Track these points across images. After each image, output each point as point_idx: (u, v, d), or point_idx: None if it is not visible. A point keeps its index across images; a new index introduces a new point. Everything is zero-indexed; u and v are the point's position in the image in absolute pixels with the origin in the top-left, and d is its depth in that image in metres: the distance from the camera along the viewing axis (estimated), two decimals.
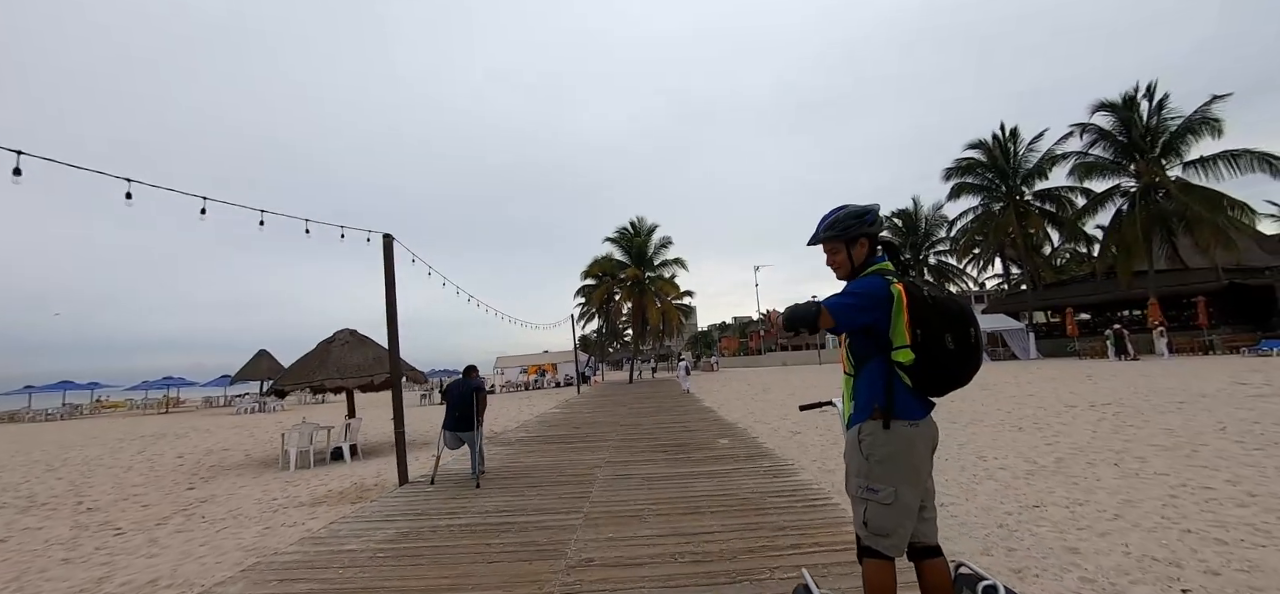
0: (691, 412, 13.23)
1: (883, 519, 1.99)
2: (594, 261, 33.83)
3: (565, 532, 4.24)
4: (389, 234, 7.13)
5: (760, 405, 15.17)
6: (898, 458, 2.00)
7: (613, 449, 8.11)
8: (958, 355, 1.99)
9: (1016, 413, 9.88)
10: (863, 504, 2.05)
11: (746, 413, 13.28)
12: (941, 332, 1.98)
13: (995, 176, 31.16)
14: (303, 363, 10.60)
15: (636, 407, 15.35)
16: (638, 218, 33.08)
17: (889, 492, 1.99)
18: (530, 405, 21.21)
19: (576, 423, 12.29)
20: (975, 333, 2.03)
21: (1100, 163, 25.77)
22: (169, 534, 5.87)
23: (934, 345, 1.98)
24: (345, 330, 11.35)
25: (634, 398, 19.23)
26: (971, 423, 9.19)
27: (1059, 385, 13.70)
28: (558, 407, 17.92)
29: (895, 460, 2.00)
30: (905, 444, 2.00)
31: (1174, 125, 24.12)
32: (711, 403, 15.73)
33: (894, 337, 2.03)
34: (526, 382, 38.41)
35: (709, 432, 9.36)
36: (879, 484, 2.01)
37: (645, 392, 22.91)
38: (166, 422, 26.29)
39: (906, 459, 2.00)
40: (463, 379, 6.78)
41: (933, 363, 1.98)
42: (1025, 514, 4.46)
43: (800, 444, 8.50)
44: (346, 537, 4.58)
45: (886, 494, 1.99)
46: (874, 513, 2.01)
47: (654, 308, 31.43)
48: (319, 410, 27.62)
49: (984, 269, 37.66)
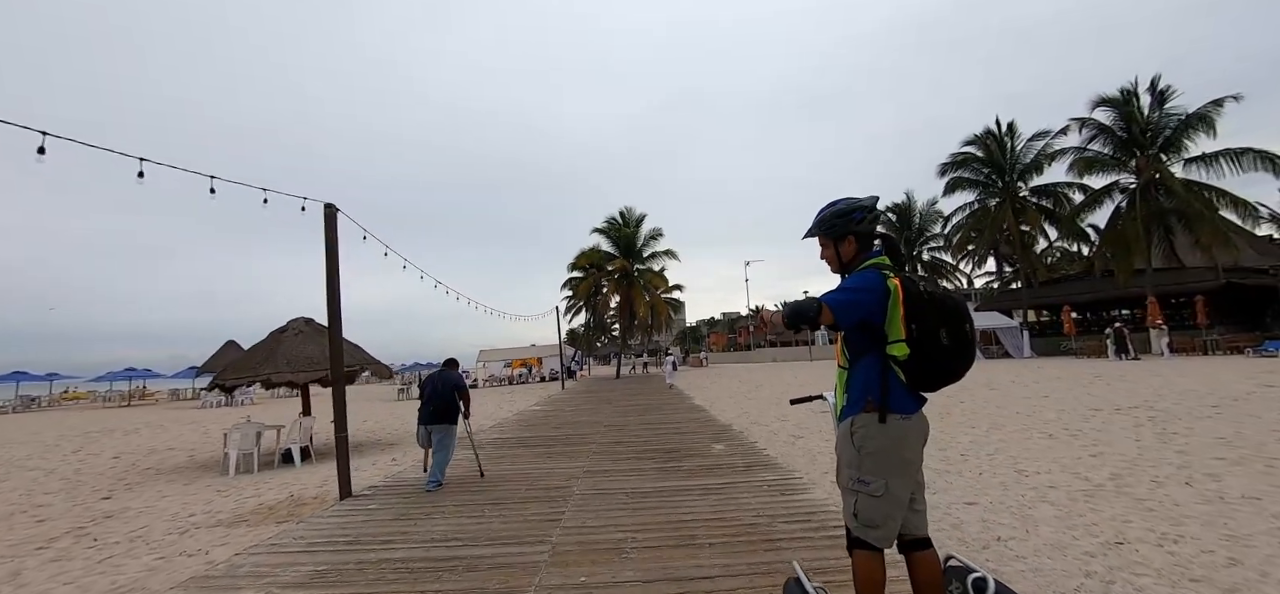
0: (681, 410, 12.28)
1: (872, 511, 2.02)
2: (581, 253, 32.69)
3: (525, 573, 3.24)
4: (331, 205, 6.03)
5: (754, 404, 14.26)
6: (890, 451, 2.02)
7: (593, 455, 7.11)
8: (952, 351, 2.00)
9: (1038, 417, 9.04)
10: (853, 496, 2.07)
11: (740, 413, 12.36)
12: (937, 327, 1.99)
13: (991, 172, 30.56)
14: (249, 356, 9.44)
15: (623, 404, 14.36)
16: (626, 208, 31.93)
17: (880, 484, 2.00)
18: (511, 401, 20.13)
19: (557, 422, 11.27)
20: (970, 329, 2.03)
21: (1100, 158, 25.20)
22: (39, 565, 4.74)
23: (929, 340, 1.99)
24: (300, 319, 10.19)
25: (621, 394, 18.23)
26: (993, 428, 8.33)
27: (1070, 386, 12.95)
28: (539, 403, 16.87)
29: (887, 453, 2.01)
30: (898, 438, 2.02)
31: (1176, 121, 23.60)
32: (702, 400, 14.78)
33: (889, 331, 2.04)
34: (510, 376, 37.23)
35: (701, 435, 8.40)
36: (870, 476, 2.02)
37: (633, 388, 21.93)
38: (124, 416, 24.75)
39: (898, 452, 2.02)
40: (442, 372, 6.26)
41: (927, 358, 2.00)
42: (1111, 555, 3.52)
43: (806, 452, 7.56)
44: (245, 578, 3.53)
45: (877, 486, 2.00)
46: (864, 505, 2.03)
47: (642, 301, 30.37)
48: (286, 406, 26.29)
49: (977, 266, 37.23)
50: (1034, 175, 28.98)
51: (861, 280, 2.06)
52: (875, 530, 2.00)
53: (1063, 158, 26.66)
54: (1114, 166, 25.26)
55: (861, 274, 2.09)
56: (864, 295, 2.02)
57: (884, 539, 2.01)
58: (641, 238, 31.47)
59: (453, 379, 6.13)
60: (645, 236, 31.45)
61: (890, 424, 2.00)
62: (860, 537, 2.04)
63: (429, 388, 6.08)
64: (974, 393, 12.63)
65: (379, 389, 35.50)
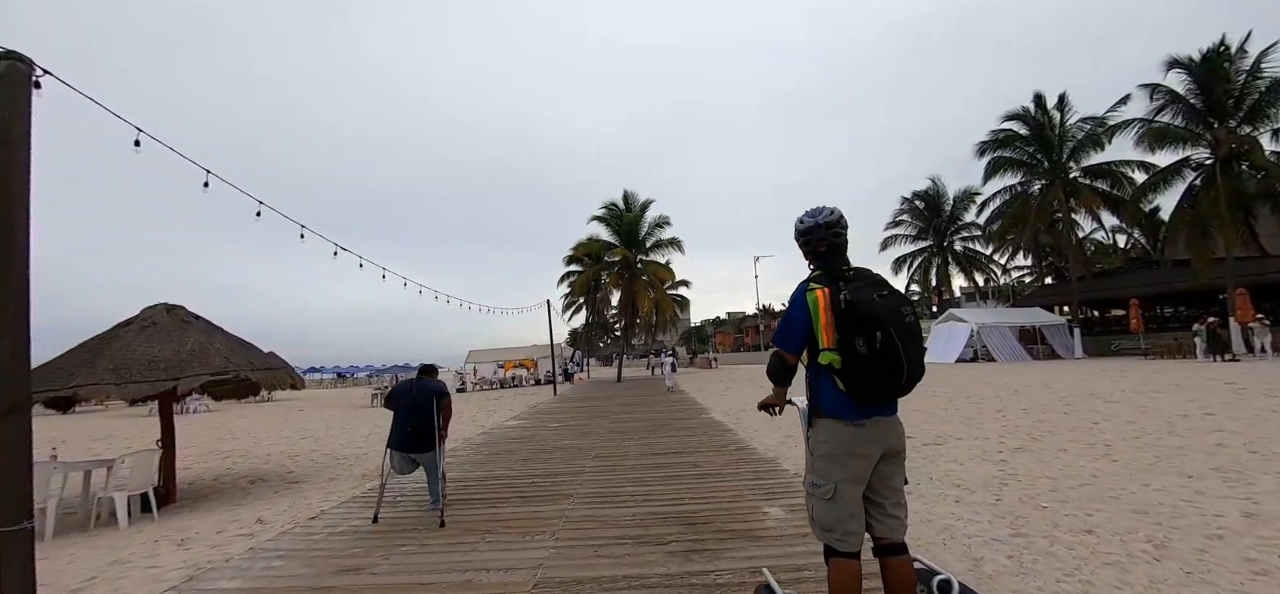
0: (696, 428, 9.21)
1: (824, 513, 2.10)
2: (578, 244, 29.61)
3: None
4: (19, 57, 2.97)
5: (791, 422, 11.13)
6: (836, 456, 2.08)
7: (566, 528, 4.08)
8: (870, 360, 1.99)
9: (1196, 449, 5.92)
10: (810, 499, 2.18)
11: (784, 437, 9.03)
12: (851, 336, 2.01)
13: (1037, 150, 27.31)
14: (62, 361, 6.39)
15: (621, 418, 11.33)
16: (629, 192, 28.77)
17: (828, 487, 2.08)
18: (491, 410, 17.10)
19: (532, 447, 8.22)
20: (896, 336, 1.98)
21: (1174, 130, 21.95)
22: None
23: (846, 349, 2.01)
24: (160, 305, 7.18)
25: (620, 404, 15.18)
26: (1147, 472, 5.21)
27: (1180, 398, 9.78)
28: (520, 416, 13.84)
29: (833, 457, 2.09)
30: (843, 442, 2.08)
31: (1264, 85, 20.34)
32: (721, 412, 11.68)
33: (820, 340, 2.08)
34: (502, 378, 34.19)
35: (736, 478, 5.39)
36: (820, 479, 2.12)
37: (635, 394, 18.84)
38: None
39: (844, 456, 2.07)
40: (417, 381, 5.12)
41: (849, 365, 2.02)
42: None
43: (933, 526, 4.44)
44: None
45: (826, 489, 2.08)
46: (817, 507, 2.13)
47: (645, 296, 27.24)
48: (266, 411, 23.40)
49: (1012, 257, 33.97)
50: (1089, 153, 25.72)
51: (792, 301, 2.20)
52: (831, 533, 2.08)
53: (1126, 131, 23.38)
54: (1188, 140, 22.02)
55: (794, 294, 2.21)
56: (791, 318, 2.18)
57: (845, 543, 2.06)
58: (645, 226, 28.30)
59: (433, 388, 4.96)
60: (649, 224, 28.28)
61: (832, 428, 2.10)
62: (824, 541, 2.12)
63: (403, 402, 4.89)
64: (1063, 411, 9.52)
65: (356, 394, 32.53)
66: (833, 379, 2.06)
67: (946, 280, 34.25)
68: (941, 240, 34.07)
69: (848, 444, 2.05)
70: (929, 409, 10.50)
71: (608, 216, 28.54)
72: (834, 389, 2.06)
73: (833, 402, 2.08)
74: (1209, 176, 21.28)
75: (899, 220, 36.56)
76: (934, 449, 7.25)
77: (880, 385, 2.00)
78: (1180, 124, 22.05)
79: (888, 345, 1.95)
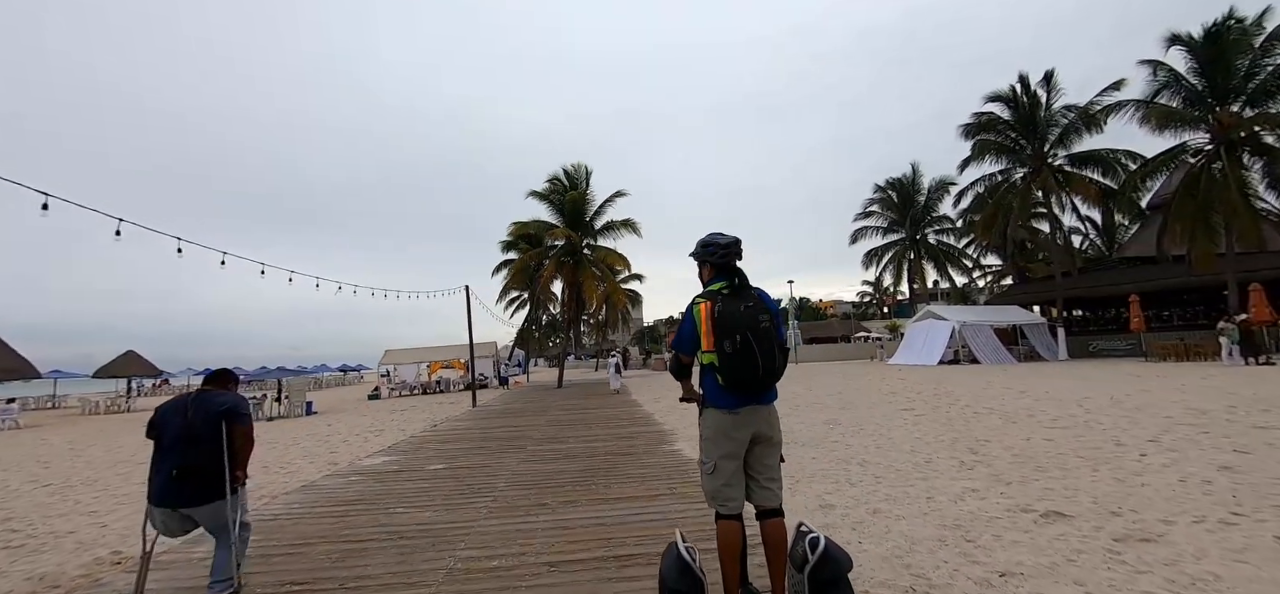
0: (652, 462, 5.43)
1: (708, 484, 2.60)
2: (516, 224, 25.30)
3: None
4: None
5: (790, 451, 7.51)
6: (714, 437, 2.57)
7: None
8: (735, 357, 2.44)
9: None
10: (701, 474, 2.66)
11: None
12: (722, 338, 2.46)
13: (1020, 135, 25.23)
14: None
15: (550, 444, 7.41)
16: (573, 165, 24.65)
17: (710, 463, 2.58)
18: (371, 432, 12.77)
19: (400, 502, 4.19)
20: (753, 339, 2.43)
21: (1174, 112, 20.01)
22: None
23: (719, 349, 2.46)
24: None
25: (552, 421, 11.23)
26: None
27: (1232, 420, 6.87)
28: (403, 444, 9.68)
29: (712, 439, 2.58)
30: (721, 426, 2.55)
31: (1272, 65, 18.62)
32: (684, 441, 7.92)
33: (702, 343, 2.55)
34: (426, 383, 29.36)
35: None
36: (706, 457, 2.62)
37: (574, 406, 14.89)
38: None
39: (721, 437, 2.55)
40: (196, 396, 3.14)
41: (723, 363, 2.46)
42: None
43: None
44: None
45: (709, 465, 2.59)
46: (704, 479, 2.62)
47: (592, 287, 23.29)
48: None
49: (985, 254, 32.12)
50: (1078, 137, 23.72)
51: (685, 313, 2.67)
52: (715, 499, 2.56)
53: (1120, 114, 21.38)
54: (1187, 123, 20.17)
55: (687, 307, 2.66)
56: (684, 325, 2.66)
57: (726, 507, 2.52)
58: (594, 204, 24.31)
59: (218, 405, 3.05)
60: (599, 202, 24.31)
61: (712, 415, 2.59)
62: (711, 506, 2.61)
63: (169, 430, 2.99)
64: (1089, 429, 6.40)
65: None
66: (714, 376, 2.54)
67: (921, 276, 32.05)
68: (915, 233, 31.85)
69: (725, 428, 2.54)
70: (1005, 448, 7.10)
71: (550, 192, 24.37)
72: (716, 384, 2.55)
73: (714, 394, 2.58)
74: (1208, 163, 19.47)
75: (869, 211, 34.20)
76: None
77: (745, 378, 2.45)
78: (1179, 106, 20.20)
79: (746, 346, 2.44)
